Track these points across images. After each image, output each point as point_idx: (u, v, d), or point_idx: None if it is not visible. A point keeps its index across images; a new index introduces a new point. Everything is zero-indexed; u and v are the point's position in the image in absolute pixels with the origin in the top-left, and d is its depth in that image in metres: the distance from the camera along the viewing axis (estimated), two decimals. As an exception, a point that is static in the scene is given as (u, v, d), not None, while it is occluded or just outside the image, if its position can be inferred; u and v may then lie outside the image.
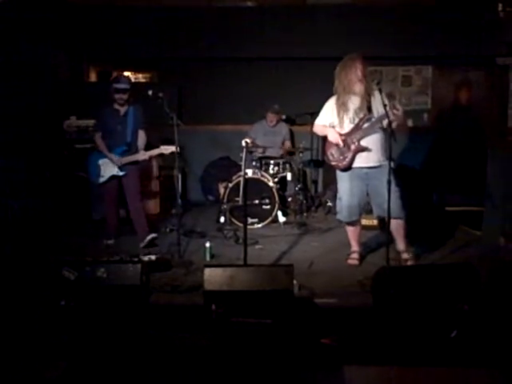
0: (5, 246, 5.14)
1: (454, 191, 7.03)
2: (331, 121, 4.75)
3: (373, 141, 4.60)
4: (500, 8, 6.59)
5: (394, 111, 4.41)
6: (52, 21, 6.93)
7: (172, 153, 5.17)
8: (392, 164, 4.37)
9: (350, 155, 4.64)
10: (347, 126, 4.66)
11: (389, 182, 4.21)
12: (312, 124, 7.31)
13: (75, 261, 3.86)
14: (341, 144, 4.64)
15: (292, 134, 7.64)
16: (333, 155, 4.73)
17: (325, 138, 4.90)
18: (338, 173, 4.84)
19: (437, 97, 7.98)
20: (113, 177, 5.47)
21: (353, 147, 4.61)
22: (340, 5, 7.40)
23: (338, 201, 4.94)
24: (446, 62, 7.90)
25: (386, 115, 4.29)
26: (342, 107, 4.64)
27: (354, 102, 4.61)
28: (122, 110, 5.45)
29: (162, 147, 5.37)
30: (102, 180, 5.49)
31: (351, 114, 4.63)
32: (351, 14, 7.42)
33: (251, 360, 3.11)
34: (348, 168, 4.70)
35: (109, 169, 5.46)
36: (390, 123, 4.31)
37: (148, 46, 7.67)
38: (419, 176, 6.34)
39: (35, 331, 3.42)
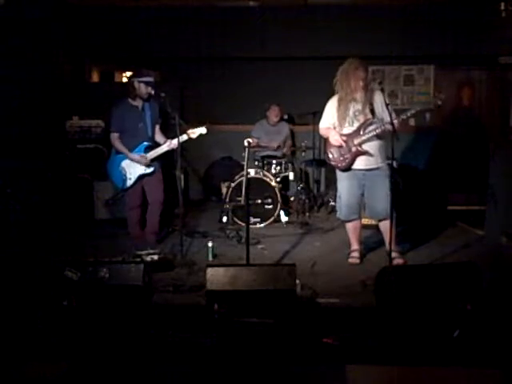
0: (7, 246, 5.15)
1: (457, 190, 7.02)
2: (332, 122, 4.79)
3: (374, 144, 4.64)
4: (502, 7, 6.58)
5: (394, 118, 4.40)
6: (53, 21, 6.94)
7: (202, 135, 5.00)
8: (395, 164, 4.38)
9: (349, 157, 4.68)
10: (346, 129, 4.70)
11: (391, 181, 4.22)
12: (314, 123, 7.36)
13: (78, 261, 3.86)
14: (343, 144, 4.67)
15: (292, 133, 7.64)
16: (332, 154, 4.78)
17: (327, 139, 4.92)
18: (338, 172, 4.89)
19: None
20: (141, 176, 5.21)
21: (354, 150, 4.65)
22: (341, 4, 7.39)
23: (337, 199, 5.01)
24: (449, 62, 7.88)
25: (389, 115, 4.28)
26: (342, 111, 4.68)
27: (355, 107, 4.65)
28: (140, 105, 5.25)
29: (189, 131, 5.10)
30: (130, 183, 5.21)
31: (350, 118, 4.67)
32: (353, 13, 7.41)
33: (254, 359, 3.11)
34: (347, 169, 4.74)
35: (134, 169, 5.20)
36: (392, 125, 4.27)
37: (150, 46, 7.66)
38: (421, 175, 6.35)
39: (37, 331, 3.42)
